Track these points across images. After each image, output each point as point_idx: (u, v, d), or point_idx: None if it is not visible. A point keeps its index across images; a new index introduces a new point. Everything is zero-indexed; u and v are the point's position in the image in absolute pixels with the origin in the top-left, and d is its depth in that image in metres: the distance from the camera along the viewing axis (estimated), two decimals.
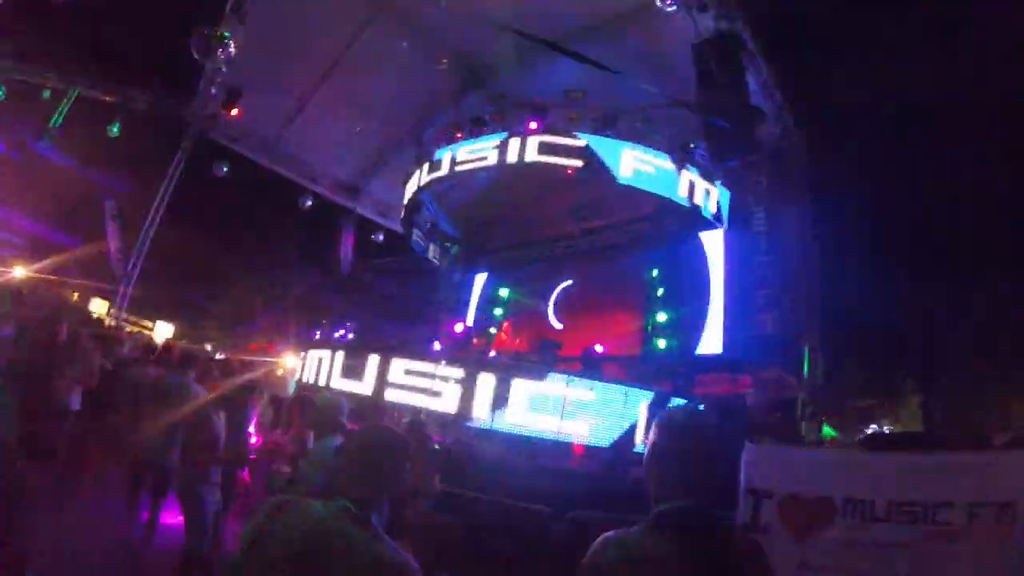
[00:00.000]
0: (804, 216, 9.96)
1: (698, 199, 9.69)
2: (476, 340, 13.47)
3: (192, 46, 9.29)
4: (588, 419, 6.49)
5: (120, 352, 7.45)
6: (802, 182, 10.12)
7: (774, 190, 10.02)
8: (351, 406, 3.88)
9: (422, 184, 10.92)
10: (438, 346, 8.92)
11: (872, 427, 19.72)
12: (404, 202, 11.83)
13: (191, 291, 21.70)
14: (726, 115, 7.54)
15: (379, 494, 1.64)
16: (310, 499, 1.64)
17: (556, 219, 13.31)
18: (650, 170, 9.40)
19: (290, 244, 20.44)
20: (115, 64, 12.76)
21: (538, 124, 9.60)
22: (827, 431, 9.65)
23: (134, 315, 16.07)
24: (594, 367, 7.57)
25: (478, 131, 10.34)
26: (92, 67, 11.96)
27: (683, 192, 9.52)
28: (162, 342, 9.29)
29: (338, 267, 15.20)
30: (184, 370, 5.01)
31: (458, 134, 10.55)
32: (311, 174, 14.01)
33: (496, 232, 14.79)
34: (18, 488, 3.20)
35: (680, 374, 7.88)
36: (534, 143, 9.47)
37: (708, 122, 7.90)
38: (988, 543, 2.52)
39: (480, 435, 6.76)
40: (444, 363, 7.05)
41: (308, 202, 13.74)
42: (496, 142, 9.84)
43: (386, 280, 18.61)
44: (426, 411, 7.12)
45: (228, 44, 9.49)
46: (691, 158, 9.57)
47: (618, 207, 11.84)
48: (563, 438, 6.54)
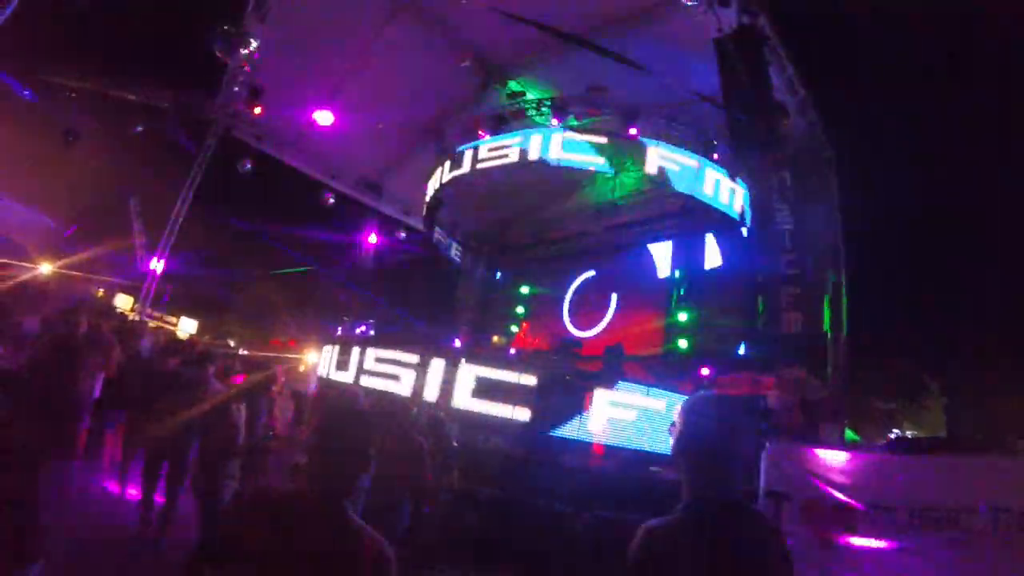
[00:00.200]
0: (830, 214, 9.79)
1: (723, 198, 9.59)
2: (495, 339, 13.50)
3: (214, 45, 9.42)
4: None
5: (139, 345, 7.53)
6: (829, 180, 9.94)
7: (799, 188, 9.85)
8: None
9: (444, 181, 10.94)
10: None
11: (895, 431, 19.45)
12: (426, 199, 11.86)
13: (214, 287, 22.00)
14: (748, 110, 7.43)
15: (348, 481, 1.64)
16: (286, 489, 1.70)
17: (577, 217, 13.24)
18: (675, 167, 9.32)
19: (313, 241, 20.61)
20: (138, 63, 12.90)
21: (559, 120, 9.55)
22: (849, 435, 9.49)
23: (158, 311, 16.34)
24: (616, 367, 7.50)
25: (500, 128, 10.34)
26: (114, 66, 12.05)
27: (708, 190, 9.43)
28: (185, 337, 9.42)
29: (360, 264, 15.29)
30: (202, 365, 5.06)
31: (480, 131, 10.55)
32: (333, 171, 14.09)
33: (517, 231, 14.76)
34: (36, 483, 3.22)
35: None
36: (558, 140, 9.42)
37: (731, 118, 7.80)
38: (1012, 548, 2.50)
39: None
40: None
41: (331, 199, 13.82)
42: (518, 139, 9.81)
43: (407, 277, 18.68)
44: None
45: (250, 42, 9.62)
46: (714, 156, 9.46)
47: (640, 205, 11.75)
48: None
